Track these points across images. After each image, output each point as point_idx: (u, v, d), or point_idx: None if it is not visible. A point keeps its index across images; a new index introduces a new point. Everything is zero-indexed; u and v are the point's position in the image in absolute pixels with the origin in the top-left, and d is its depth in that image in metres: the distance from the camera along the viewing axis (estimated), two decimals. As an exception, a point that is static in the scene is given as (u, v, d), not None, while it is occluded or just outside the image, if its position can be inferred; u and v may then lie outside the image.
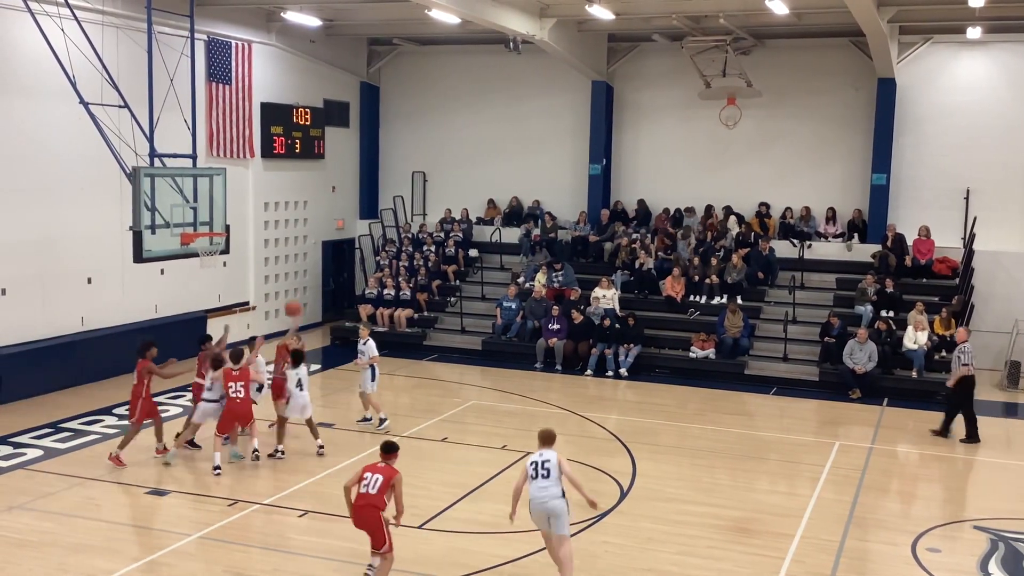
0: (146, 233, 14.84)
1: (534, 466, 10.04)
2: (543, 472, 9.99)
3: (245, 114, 22.51)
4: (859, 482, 14.01)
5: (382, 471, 9.84)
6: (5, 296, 17.48)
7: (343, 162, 26.51)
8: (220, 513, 12.17)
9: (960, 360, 16.25)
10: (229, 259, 20.44)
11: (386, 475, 9.79)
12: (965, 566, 11.15)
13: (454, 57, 26.47)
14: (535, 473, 10.01)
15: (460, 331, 23.00)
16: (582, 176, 25.52)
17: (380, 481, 9.71)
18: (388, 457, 10.04)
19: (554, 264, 23.08)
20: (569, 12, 21.41)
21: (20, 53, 17.27)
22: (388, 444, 10.22)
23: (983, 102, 22.41)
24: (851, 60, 23.23)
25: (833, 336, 19.81)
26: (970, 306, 20.43)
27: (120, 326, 19.60)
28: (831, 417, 17.98)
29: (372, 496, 9.66)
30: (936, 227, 22.17)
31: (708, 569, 10.87)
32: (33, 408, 16.81)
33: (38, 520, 11.85)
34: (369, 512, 9.69)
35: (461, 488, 13.16)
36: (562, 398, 18.64)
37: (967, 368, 16.16)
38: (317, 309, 25.86)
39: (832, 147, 23.80)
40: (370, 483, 9.73)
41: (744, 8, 20.41)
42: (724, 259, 22.53)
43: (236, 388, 13.72)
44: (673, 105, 24.83)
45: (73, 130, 17.38)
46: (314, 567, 10.68)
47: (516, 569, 10.71)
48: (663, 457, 14.90)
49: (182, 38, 16.93)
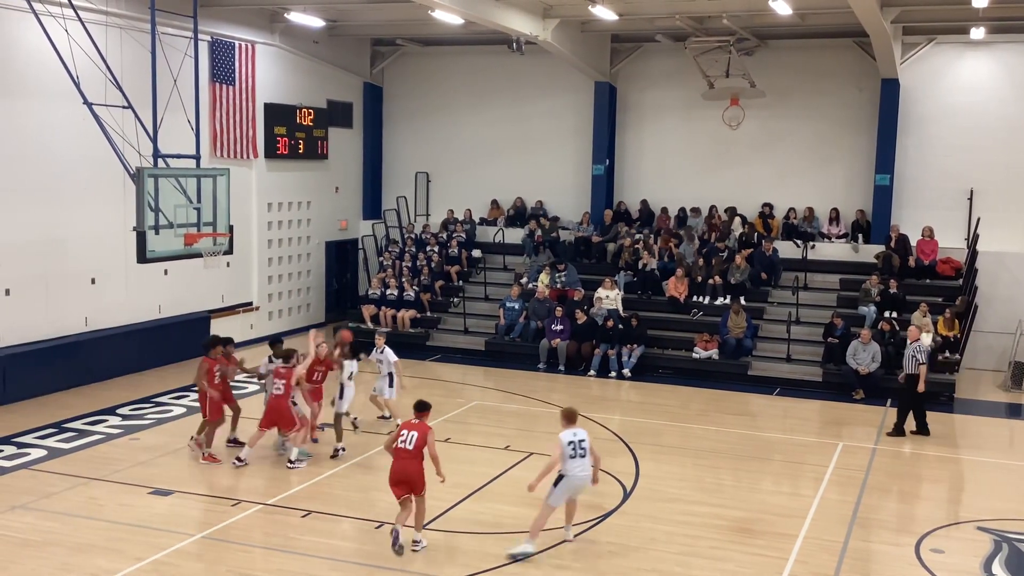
0: (150, 233, 14.86)
1: (572, 446, 10.87)
2: (580, 451, 10.94)
3: (249, 115, 22.53)
4: (862, 483, 13.99)
5: (417, 428, 11.00)
6: (9, 296, 17.50)
7: (346, 163, 26.53)
8: (223, 513, 12.18)
9: (917, 360, 16.33)
10: (232, 260, 20.49)
11: (420, 431, 10.96)
12: (968, 567, 11.13)
13: (457, 58, 26.49)
14: (574, 452, 10.88)
15: (463, 331, 23.01)
16: (585, 176, 25.52)
17: (416, 437, 10.89)
18: (421, 415, 11.19)
19: (557, 265, 23.09)
20: (572, 13, 21.41)
21: (24, 54, 17.30)
22: (421, 403, 11.31)
23: (987, 103, 22.39)
24: (854, 61, 23.22)
25: (836, 337, 19.79)
26: (974, 307, 20.40)
27: (124, 326, 19.64)
28: (834, 418, 17.96)
29: (410, 451, 10.86)
30: (940, 228, 22.16)
31: (711, 569, 10.86)
32: (37, 408, 16.83)
33: (41, 520, 11.86)
34: (409, 464, 10.88)
35: (464, 488, 13.15)
36: (565, 399, 18.59)
37: (925, 367, 16.29)
38: (320, 310, 25.88)
39: (835, 148, 23.79)
40: (407, 439, 10.89)
41: (747, 8, 20.40)
42: (728, 260, 22.52)
43: (278, 385, 13.94)
44: (676, 106, 24.83)
45: (77, 131, 17.41)
46: (318, 567, 10.68)
47: (518, 569, 10.70)
48: (666, 457, 14.89)
49: (186, 39, 16.95)
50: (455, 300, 23.80)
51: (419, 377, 20.18)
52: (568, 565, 10.88)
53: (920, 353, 16.37)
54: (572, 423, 11.11)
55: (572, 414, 11.22)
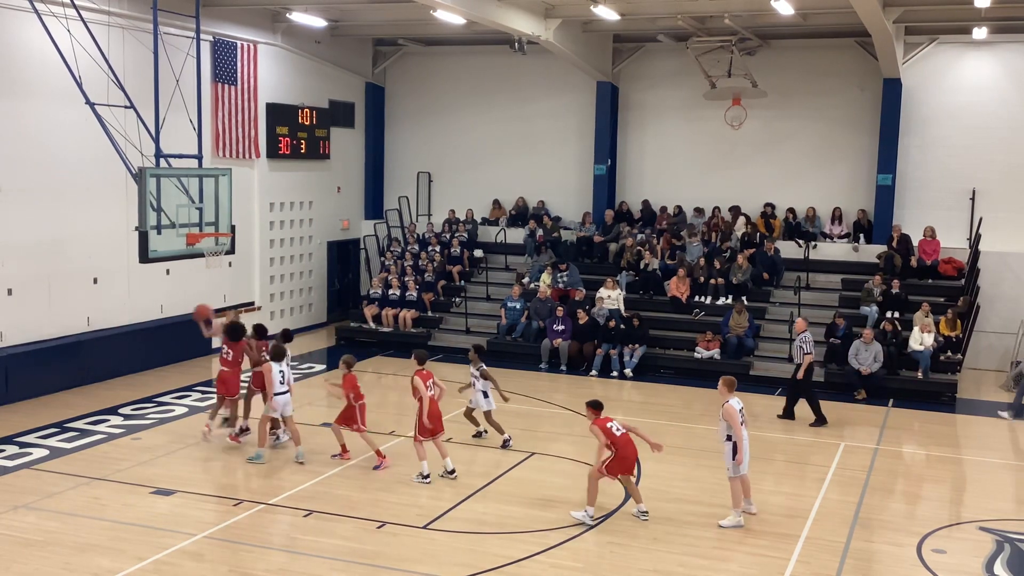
0: (152, 233, 14.85)
1: (742, 412, 12.15)
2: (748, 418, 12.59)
3: (250, 115, 22.54)
4: (864, 483, 13.99)
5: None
6: (12, 296, 17.52)
7: (348, 162, 26.54)
8: (225, 513, 12.19)
9: (803, 350, 16.92)
10: (234, 259, 20.50)
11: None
12: (970, 567, 11.12)
13: (459, 58, 26.49)
14: (743, 419, 12.16)
15: (465, 331, 23.01)
16: (587, 176, 25.52)
17: (619, 423, 12.40)
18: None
19: (559, 264, 23.09)
20: (574, 13, 21.42)
21: (26, 54, 17.32)
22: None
23: (989, 103, 22.39)
24: (857, 60, 23.21)
25: (838, 337, 19.78)
26: (976, 307, 20.39)
27: (126, 326, 19.67)
28: (836, 418, 17.92)
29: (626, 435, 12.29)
30: (942, 228, 22.16)
31: (713, 570, 10.87)
32: (39, 408, 16.85)
33: (44, 519, 11.88)
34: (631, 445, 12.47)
35: (466, 488, 13.17)
36: (567, 399, 18.64)
37: (811, 356, 16.93)
38: (322, 309, 25.90)
39: (837, 148, 23.78)
40: (616, 427, 12.29)
41: (749, 8, 20.40)
42: (730, 260, 22.51)
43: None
44: (678, 106, 24.83)
45: (79, 131, 17.42)
46: (319, 567, 10.69)
47: (520, 569, 10.71)
48: (668, 457, 14.84)
49: (188, 39, 16.96)
50: (456, 300, 23.81)
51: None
52: (569, 565, 10.88)
53: (806, 343, 16.93)
54: (732, 391, 12.16)
55: (734, 382, 12.30)
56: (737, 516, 12.14)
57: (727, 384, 12.19)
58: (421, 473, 13.41)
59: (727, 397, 12.07)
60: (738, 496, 12.17)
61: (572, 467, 14.44)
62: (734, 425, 11.95)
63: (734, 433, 11.95)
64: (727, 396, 12.08)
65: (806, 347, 16.91)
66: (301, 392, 16.82)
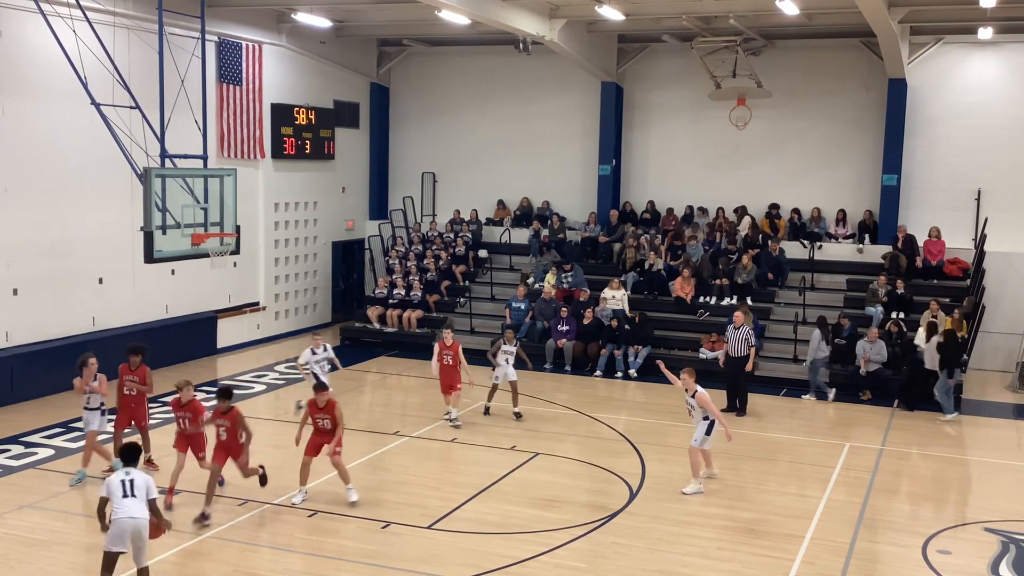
0: (157, 233, 14.87)
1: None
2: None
3: (255, 115, 22.57)
4: (869, 484, 13.97)
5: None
6: (17, 296, 17.56)
7: (353, 163, 26.56)
8: (230, 513, 12.20)
9: (749, 342, 17.69)
10: (239, 259, 20.49)
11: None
12: (976, 568, 11.10)
13: (464, 58, 26.50)
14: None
15: (469, 332, 22.98)
16: (592, 177, 25.50)
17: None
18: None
19: (563, 265, 23.08)
20: (579, 13, 21.41)
21: (32, 55, 17.36)
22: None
23: (994, 103, 22.33)
24: (862, 61, 23.18)
25: (843, 337, 19.74)
26: (981, 308, 20.34)
27: (131, 326, 19.66)
28: (841, 418, 17.92)
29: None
30: (947, 228, 22.11)
31: (717, 570, 10.85)
32: (44, 408, 16.87)
33: (48, 519, 11.90)
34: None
35: (471, 488, 13.17)
36: (571, 399, 18.64)
37: (755, 348, 17.89)
38: (327, 310, 25.91)
39: (843, 148, 23.74)
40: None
41: (754, 8, 20.38)
42: (735, 260, 22.48)
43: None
44: (683, 106, 24.81)
45: (84, 131, 17.44)
46: (324, 567, 10.70)
47: (524, 569, 10.71)
48: (672, 458, 14.85)
49: (193, 39, 16.98)
50: (461, 300, 23.81)
51: (426, 378, 20.16)
52: (573, 565, 10.88)
53: (751, 336, 17.78)
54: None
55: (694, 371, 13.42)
56: (698, 484, 13.17)
57: (690, 374, 13.33)
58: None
59: (695, 387, 13.21)
60: (697, 465, 13.25)
61: (576, 468, 14.44)
62: (712, 410, 13.10)
63: (712, 414, 13.13)
64: (694, 386, 13.22)
65: (752, 340, 17.77)
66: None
